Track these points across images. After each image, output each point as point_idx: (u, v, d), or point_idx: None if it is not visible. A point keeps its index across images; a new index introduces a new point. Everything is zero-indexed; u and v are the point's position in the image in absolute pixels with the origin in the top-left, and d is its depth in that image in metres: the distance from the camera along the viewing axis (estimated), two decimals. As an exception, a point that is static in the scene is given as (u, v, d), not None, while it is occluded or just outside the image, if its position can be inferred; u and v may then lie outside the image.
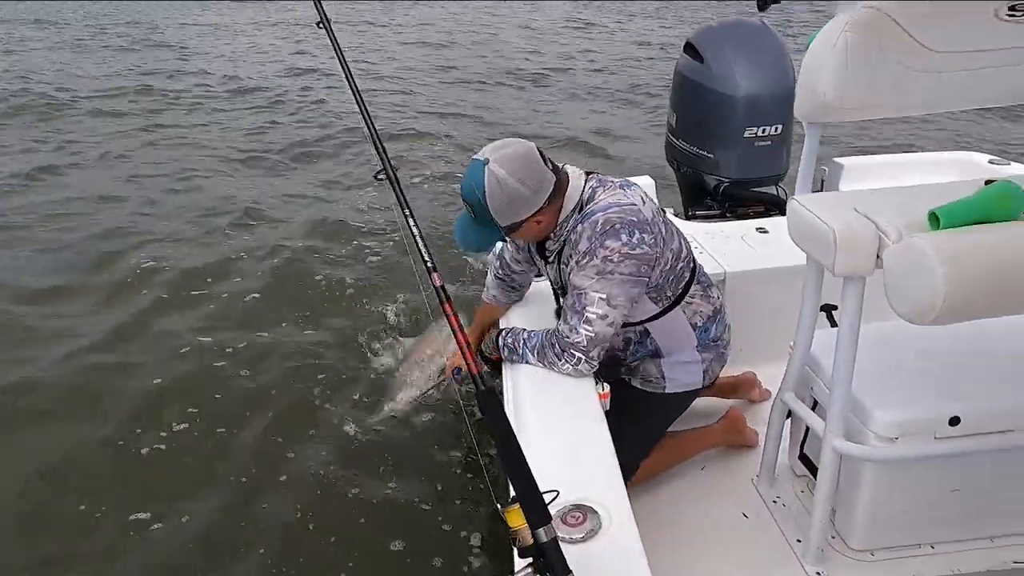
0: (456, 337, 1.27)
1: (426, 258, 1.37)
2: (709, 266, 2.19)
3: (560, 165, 1.74)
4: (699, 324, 1.86)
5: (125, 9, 15.43)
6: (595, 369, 1.69)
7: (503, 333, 1.86)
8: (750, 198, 3.09)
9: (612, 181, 1.75)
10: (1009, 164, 2.78)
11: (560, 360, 1.67)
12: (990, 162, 2.83)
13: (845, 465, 1.49)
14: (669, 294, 1.78)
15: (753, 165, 3.04)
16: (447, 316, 1.30)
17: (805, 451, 1.81)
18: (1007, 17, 1.32)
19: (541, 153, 1.67)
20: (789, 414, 1.75)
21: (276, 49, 11.45)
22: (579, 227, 1.65)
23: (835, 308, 1.96)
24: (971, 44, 1.35)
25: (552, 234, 1.74)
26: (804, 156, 1.54)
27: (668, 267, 1.74)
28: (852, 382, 1.40)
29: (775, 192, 3.24)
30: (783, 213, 3.24)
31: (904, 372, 1.58)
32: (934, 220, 1.21)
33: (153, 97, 8.26)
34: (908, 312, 1.15)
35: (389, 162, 1.56)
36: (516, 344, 1.79)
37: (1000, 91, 1.43)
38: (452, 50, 11.54)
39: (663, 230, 1.72)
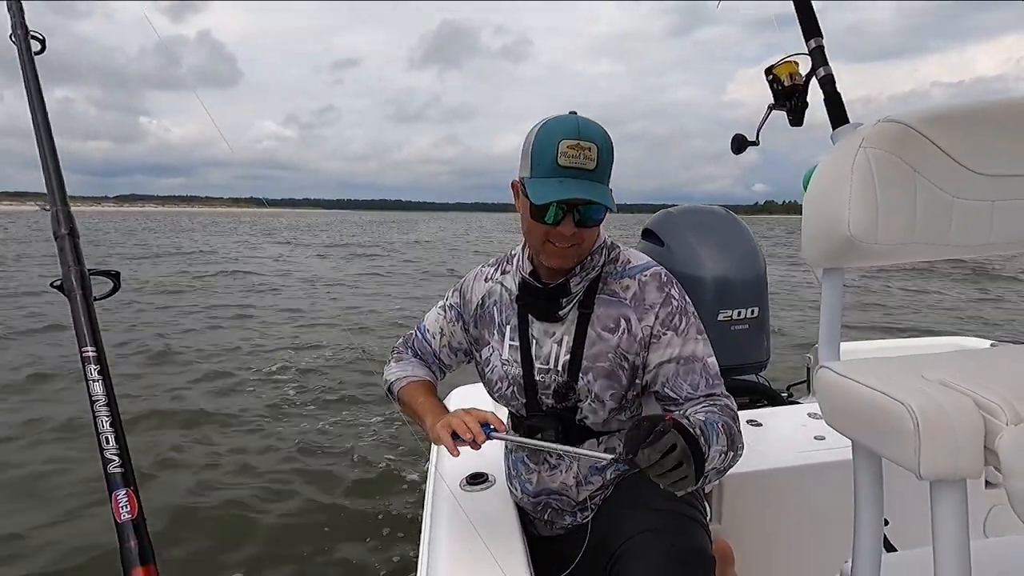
0: None
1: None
2: None
3: None
4: None
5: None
6: None
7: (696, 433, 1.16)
8: (733, 387, 2.70)
9: None
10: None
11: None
12: (992, 346, 2.54)
13: None
14: None
15: (732, 351, 2.69)
16: None
17: None
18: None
19: None
20: None
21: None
22: (624, 280, 1.45)
23: (886, 523, 1.46)
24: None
25: (580, 268, 1.42)
26: (824, 313, 1.15)
27: None
28: None
29: (756, 381, 2.88)
30: (772, 403, 2.87)
31: None
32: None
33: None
34: None
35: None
36: (709, 437, 1.23)
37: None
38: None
39: None
